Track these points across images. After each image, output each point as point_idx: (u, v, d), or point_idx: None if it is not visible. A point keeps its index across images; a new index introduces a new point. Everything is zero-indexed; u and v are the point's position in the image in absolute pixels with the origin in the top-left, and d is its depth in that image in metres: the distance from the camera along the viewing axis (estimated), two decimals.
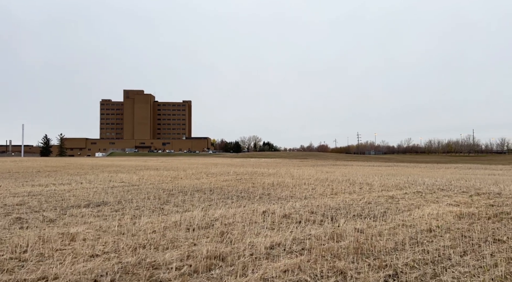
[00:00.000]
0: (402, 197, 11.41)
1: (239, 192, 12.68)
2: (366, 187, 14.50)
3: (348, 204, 9.99)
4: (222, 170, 26.25)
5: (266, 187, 14.50)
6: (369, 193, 12.64)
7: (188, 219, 7.71)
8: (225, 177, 20.03)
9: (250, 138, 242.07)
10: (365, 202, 10.28)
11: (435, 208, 9.22)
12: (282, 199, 10.99)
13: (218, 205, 9.74)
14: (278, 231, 6.69)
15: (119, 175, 21.65)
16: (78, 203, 10.28)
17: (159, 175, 21.66)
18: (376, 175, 22.24)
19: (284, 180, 17.20)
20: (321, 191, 12.90)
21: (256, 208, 9.06)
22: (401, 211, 8.80)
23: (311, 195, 11.87)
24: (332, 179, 17.66)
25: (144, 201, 10.70)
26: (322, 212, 8.59)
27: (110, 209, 9.27)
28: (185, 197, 11.46)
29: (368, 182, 16.23)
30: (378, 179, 18.48)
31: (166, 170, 26.55)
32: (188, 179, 18.48)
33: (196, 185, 15.16)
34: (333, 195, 11.93)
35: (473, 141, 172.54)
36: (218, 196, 11.77)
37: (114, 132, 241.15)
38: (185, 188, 14.04)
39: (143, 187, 14.70)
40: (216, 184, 15.86)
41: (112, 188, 14.45)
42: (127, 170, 27.00)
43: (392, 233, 6.46)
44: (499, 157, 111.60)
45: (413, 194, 12.31)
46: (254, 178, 18.82)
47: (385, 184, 15.59)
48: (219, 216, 8.03)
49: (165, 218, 7.93)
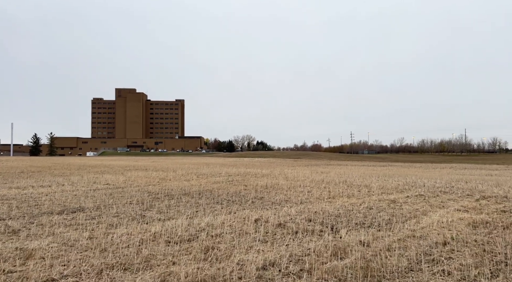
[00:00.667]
0: (404, 201, 10.63)
1: (230, 196, 11.81)
2: (365, 189, 13.71)
3: (348, 209, 9.18)
4: (214, 171, 25.34)
5: (259, 189, 13.65)
6: (369, 196, 11.85)
7: (170, 229, 6.83)
8: (216, 178, 19.14)
9: (243, 137, 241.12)
10: (366, 207, 9.48)
11: (443, 214, 8.44)
12: (276, 204, 10.14)
13: (206, 212, 8.86)
14: (272, 245, 5.84)
15: (105, 176, 20.64)
16: (52, 209, 9.33)
17: (147, 176, 20.70)
18: (373, 176, 21.52)
19: (278, 182, 16.36)
20: (318, 195, 12.08)
21: (247, 215, 8.20)
22: (407, 219, 8.00)
23: (307, 199, 11.04)
24: (328, 181, 16.87)
25: (125, 206, 9.78)
26: (320, 220, 7.76)
27: (86, 217, 8.34)
28: (171, 201, 10.56)
29: (366, 184, 15.45)
30: (376, 180, 17.73)
31: (155, 171, 25.57)
32: (177, 181, 17.56)
33: (184, 188, 14.26)
34: (331, 199, 11.12)
35: (465, 140, 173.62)
36: (207, 200, 10.88)
37: (106, 131, 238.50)
38: (172, 191, 13.13)
39: (128, 190, 13.77)
40: (206, 186, 14.96)
41: (94, 191, 13.49)
42: (114, 171, 25.97)
43: (403, 247, 5.64)
44: (491, 157, 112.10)
45: (415, 197, 11.54)
46: (246, 180, 17.95)
47: (384, 186, 14.83)
48: (205, 226, 7.16)
49: (144, 227, 7.04)
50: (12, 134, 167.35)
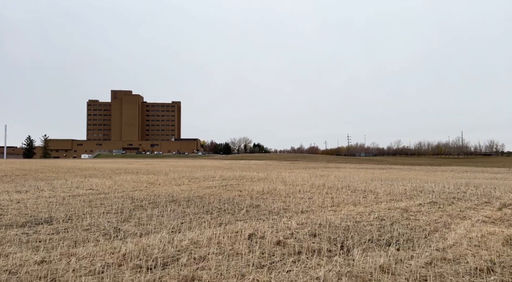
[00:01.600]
0: (418, 210, 9.44)
1: (222, 203, 10.58)
2: (371, 195, 12.53)
3: (356, 221, 7.98)
4: (208, 174, 24.09)
5: (255, 195, 12.43)
6: (377, 204, 10.66)
7: (145, 248, 5.61)
8: (209, 182, 17.90)
9: (240, 139, 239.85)
10: (377, 218, 8.29)
11: (469, 227, 7.27)
12: (274, 213, 8.93)
13: (192, 224, 7.63)
14: (270, 271, 4.62)
15: (91, 180, 19.35)
16: (15, 220, 8.08)
17: (136, 180, 19.42)
18: (375, 179, 20.36)
19: (275, 187, 15.14)
20: (320, 202, 10.88)
21: (240, 229, 6.98)
22: (428, 233, 6.81)
23: (309, 208, 9.83)
24: (330, 185, 15.67)
25: (101, 217, 8.53)
26: (327, 235, 6.55)
27: (51, 230, 7.09)
28: (155, 210, 9.32)
29: (371, 189, 14.27)
30: (380, 185, 16.56)
31: (146, 174, 24.28)
32: (166, 185, 16.30)
33: (173, 193, 13.02)
34: (335, 207, 9.91)
35: (462, 143, 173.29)
36: (196, 209, 9.64)
37: (102, 133, 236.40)
38: (158, 198, 11.89)
39: (111, 196, 12.51)
40: (197, 191, 13.72)
41: (74, 198, 12.23)
42: (103, 174, 24.65)
43: (438, 275, 4.44)
44: (489, 159, 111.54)
45: (429, 205, 10.37)
46: (241, 184, 16.73)
47: (391, 191, 13.65)
48: (189, 243, 5.93)
49: (115, 246, 5.80)
50: (6, 136, 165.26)
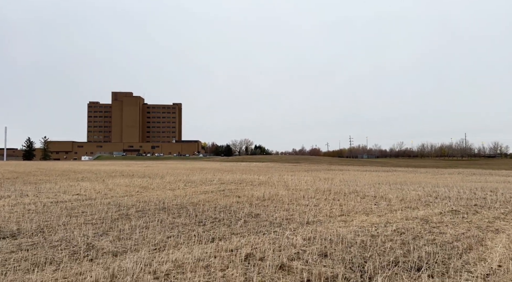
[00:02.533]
0: (439, 221, 8.30)
1: (218, 212, 9.45)
2: (383, 202, 11.38)
3: (372, 235, 6.85)
4: (206, 177, 22.96)
5: (255, 202, 11.29)
6: (391, 212, 9.52)
7: (117, 274, 4.49)
8: (206, 187, 16.76)
9: (241, 141, 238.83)
10: (395, 231, 7.15)
11: (507, 244, 6.12)
12: (276, 225, 7.80)
13: (180, 239, 6.50)
14: None
15: (82, 184, 18.26)
16: None
17: (129, 184, 18.31)
18: (383, 183, 19.20)
19: (277, 192, 14.01)
20: (328, 210, 9.74)
21: (236, 247, 5.85)
22: (462, 252, 5.67)
23: (315, 217, 8.69)
24: (336, 191, 14.51)
25: (77, 228, 7.42)
26: (340, 255, 5.42)
27: (12, 247, 5.99)
28: (140, 221, 8.20)
29: (381, 195, 13.12)
30: (389, 189, 15.41)
31: (141, 177, 23.16)
32: (160, 190, 15.18)
33: (165, 199, 11.90)
34: (345, 217, 8.77)
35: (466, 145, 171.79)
36: (187, 219, 8.52)
37: (102, 135, 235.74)
38: (148, 205, 10.77)
39: (97, 203, 11.41)
40: (192, 197, 12.60)
41: (56, 205, 11.13)
42: (96, 177, 23.55)
43: None
44: (494, 161, 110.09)
45: (450, 215, 9.22)
46: (241, 189, 15.60)
47: (403, 197, 12.50)
48: (171, 267, 4.81)
49: (80, 271, 4.69)
50: (6, 138, 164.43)
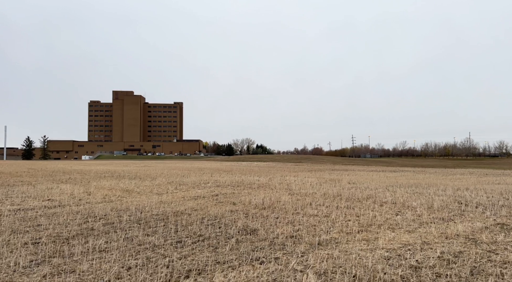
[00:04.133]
0: (491, 241, 6.37)
1: (205, 226, 7.55)
2: (406, 211, 9.44)
3: (410, 264, 4.94)
4: (202, 179, 21.07)
5: (252, 212, 9.39)
6: (421, 226, 7.59)
7: None
8: (199, 190, 14.86)
9: (243, 140, 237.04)
10: (440, 259, 5.23)
11: None
12: (278, 247, 5.90)
13: (140, 274, 4.60)
14: None
15: (62, 187, 16.42)
16: None
17: (114, 186, 16.45)
18: (396, 185, 17.26)
19: (279, 198, 12.09)
20: (342, 223, 7.82)
21: None
22: None
23: (328, 234, 6.78)
24: (347, 196, 12.56)
25: (13, 252, 5.54)
26: None
27: None
28: (101, 240, 6.30)
29: (402, 202, 11.17)
30: (407, 194, 13.48)
31: (131, 179, 21.29)
32: (145, 195, 13.31)
33: (145, 207, 10.01)
34: (367, 234, 6.86)
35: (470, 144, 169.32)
36: (163, 237, 6.62)
37: (103, 135, 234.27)
38: (123, 215, 8.87)
39: (65, 211, 9.54)
40: (179, 204, 10.71)
41: (15, 213, 9.30)
42: (82, 179, 21.71)
43: None
44: (501, 161, 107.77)
45: (499, 230, 7.28)
46: (237, 193, 13.70)
47: (428, 204, 10.55)
48: None
49: None
50: (5, 137, 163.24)
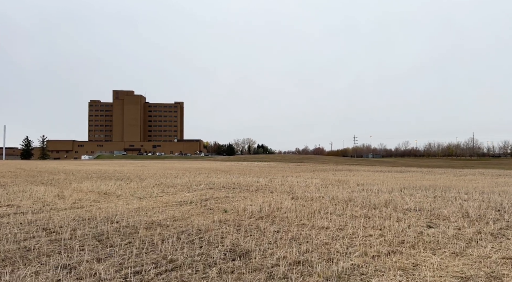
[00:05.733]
0: None
1: (181, 245, 5.69)
2: (440, 222, 7.56)
3: None
4: (195, 180, 19.23)
5: (247, 223, 7.52)
6: (470, 245, 5.72)
7: None
8: (188, 193, 13.00)
9: (244, 140, 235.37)
10: None
11: None
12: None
13: None
14: None
15: (36, 189, 14.61)
16: None
17: (94, 189, 14.62)
18: (409, 187, 15.40)
19: (281, 203, 10.23)
20: (363, 239, 5.95)
21: None
22: None
23: (348, 260, 4.91)
24: (361, 201, 10.66)
25: None
26: None
27: None
28: (35, 266, 4.45)
29: (428, 209, 9.27)
30: (428, 198, 11.60)
31: (118, 180, 19.46)
32: (124, 199, 11.47)
33: (118, 216, 8.17)
34: (400, 258, 4.99)
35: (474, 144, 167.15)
36: (119, 263, 4.76)
37: (103, 134, 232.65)
38: (87, 225, 7.03)
39: (17, 220, 7.72)
40: (158, 212, 8.85)
41: None
42: (65, 180, 19.89)
43: None
44: (507, 161, 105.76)
45: None
46: (231, 198, 11.84)
47: (463, 213, 8.67)
48: None
49: None
50: (5, 137, 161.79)
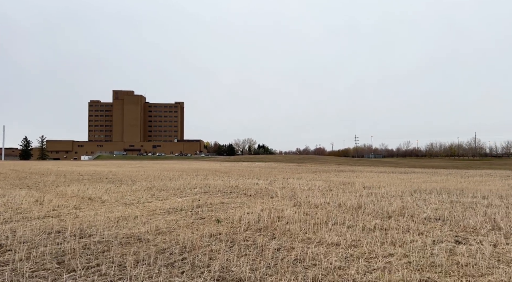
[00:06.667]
0: None
1: (157, 269, 4.55)
2: (469, 237, 6.41)
3: None
4: (190, 183, 18.09)
5: (241, 237, 6.38)
6: None
7: None
8: (179, 199, 11.85)
9: (244, 140, 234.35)
10: None
11: None
12: None
13: None
14: None
15: (17, 193, 13.49)
16: None
17: (79, 193, 13.49)
18: (420, 191, 14.25)
19: (282, 211, 9.07)
20: (383, 262, 4.80)
21: None
22: None
23: None
24: (372, 208, 9.50)
25: None
26: None
27: None
28: None
29: (449, 217, 8.12)
30: (443, 203, 10.44)
31: (109, 183, 18.34)
32: (108, 205, 10.32)
33: (94, 227, 7.03)
34: None
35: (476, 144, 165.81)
36: None
37: (103, 135, 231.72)
38: (52, 240, 5.89)
39: None
40: (140, 223, 7.71)
41: None
42: (53, 182, 18.76)
43: None
44: (510, 161, 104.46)
45: None
46: (227, 204, 10.69)
47: (493, 224, 7.51)
48: None
49: None
50: (4, 137, 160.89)
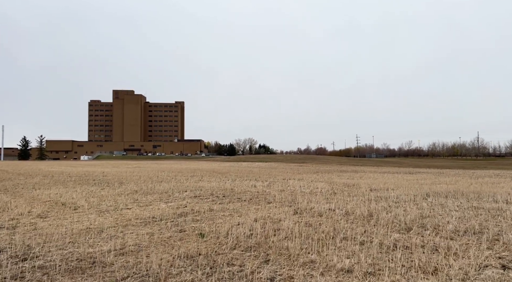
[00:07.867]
0: None
1: None
2: None
3: None
4: (181, 186, 16.79)
5: (225, 261, 5.07)
6: None
7: None
8: (163, 205, 10.53)
9: (245, 140, 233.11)
10: None
11: None
12: None
13: None
14: None
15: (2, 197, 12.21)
16: None
17: (54, 198, 12.20)
18: (434, 195, 12.93)
19: (279, 222, 7.75)
20: None
21: None
22: None
23: None
24: (386, 218, 8.17)
25: None
26: None
27: None
28: None
29: (481, 230, 6.79)
30: (465, 211, 9.13)
31: (95, 185, 17.05)
32: (81, 213, 9.02)
33: (47, 244, 5.74)
34: None
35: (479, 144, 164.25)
36: None
37: (103, 134, 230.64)
38: None
39: None
40: (107, 239, 6.41)
41: None
42: (35, 185, 17.50)
43: None
44: None
45: None
46: (217, 212, 9.36)
47: None
48: None
49: None
50: (3, 137, 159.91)
